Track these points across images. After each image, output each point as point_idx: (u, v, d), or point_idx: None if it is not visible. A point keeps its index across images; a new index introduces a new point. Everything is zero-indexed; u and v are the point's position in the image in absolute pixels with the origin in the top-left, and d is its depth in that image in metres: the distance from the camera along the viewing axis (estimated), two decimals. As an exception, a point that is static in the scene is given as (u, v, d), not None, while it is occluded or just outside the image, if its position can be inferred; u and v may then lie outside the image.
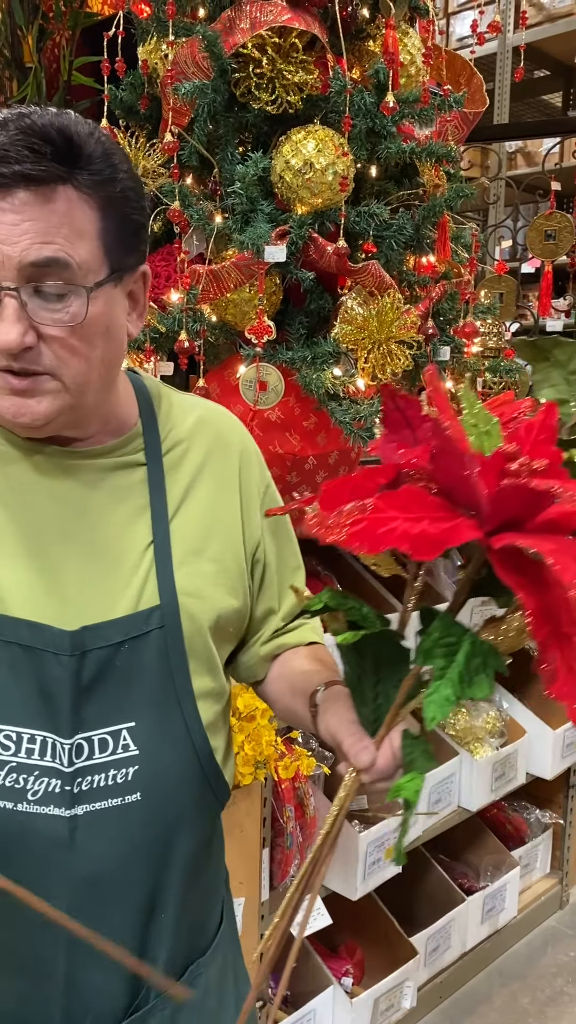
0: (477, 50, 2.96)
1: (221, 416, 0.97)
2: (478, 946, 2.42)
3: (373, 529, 0.52)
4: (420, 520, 0.53)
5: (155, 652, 0.82)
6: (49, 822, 0.78)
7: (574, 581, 0.48)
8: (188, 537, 0.87)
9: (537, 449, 0.58)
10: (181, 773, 0.84)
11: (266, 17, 1.58)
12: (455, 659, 0.56)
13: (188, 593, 0.84)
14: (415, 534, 0.52)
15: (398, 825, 0.63)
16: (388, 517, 0.53)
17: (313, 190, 1.60)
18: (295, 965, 0.66)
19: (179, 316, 1.62)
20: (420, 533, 0.52)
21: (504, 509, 0.53)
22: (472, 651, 0.57)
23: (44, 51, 2.48)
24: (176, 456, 0.89)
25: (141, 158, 1.75)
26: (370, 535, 0.52)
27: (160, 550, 0.84)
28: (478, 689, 0.56)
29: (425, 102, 1.74)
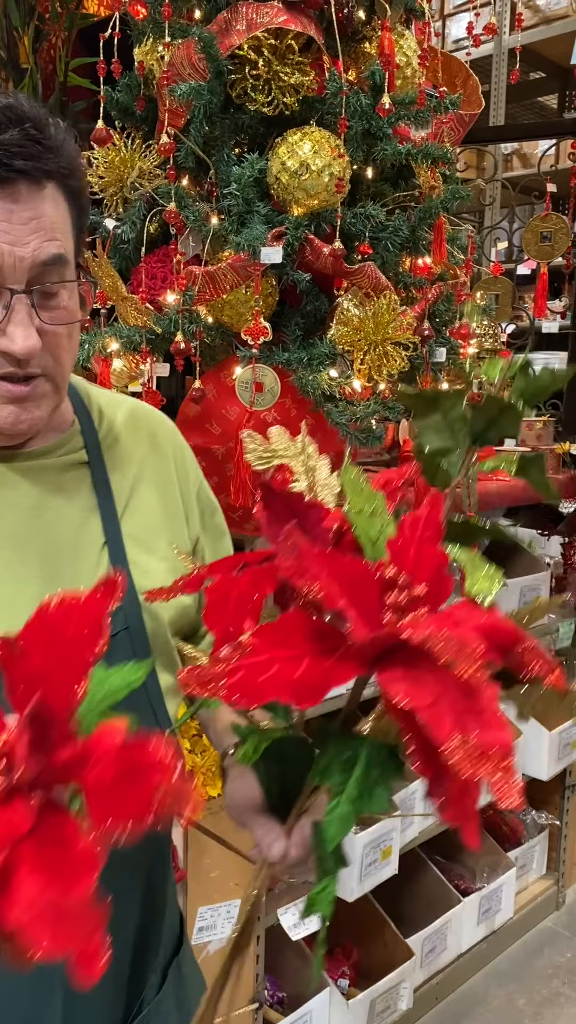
0: (473, 52, 2.96)
1: (152, 413, 0.96)
2: (474, 947, 2.42)
3: (252, 679, 0.48)
4: (301, 658, 0.49)
5: (125, 654, 0.81)
6: None
7: (447, 740, 0.46)
8: (138, 535, 0.85)
9: (423, 548, 0.56)
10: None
11: (262, 19, 1.58)
12: (352, 774, 0.54)
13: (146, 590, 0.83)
14: (296, 680, 0.48)
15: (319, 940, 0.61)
16: (267, 660, 0.49)
17: (309, 191, 1.60)
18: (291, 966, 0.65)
19: (175, 317, 1.62)
20: (301, 678, 0.48)
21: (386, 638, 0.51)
22: (370, 762, 0.55)
23: (40, 52, 2.48)
24: (115, 453, 0.88)
25: (137, 159, 1.74)
26: (249, 687, 0.48)
27: (114, 550, 0.83)
28: (376, 803, 0.54)
29: (421, 104, 1.74)
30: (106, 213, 1.80)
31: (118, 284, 1.65)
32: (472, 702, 0.47)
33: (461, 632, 0.49)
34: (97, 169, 1.75)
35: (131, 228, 1.74)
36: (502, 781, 0.44)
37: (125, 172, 1.75)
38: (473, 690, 0.48)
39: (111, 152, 1.73)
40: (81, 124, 2.56)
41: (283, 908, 1.82)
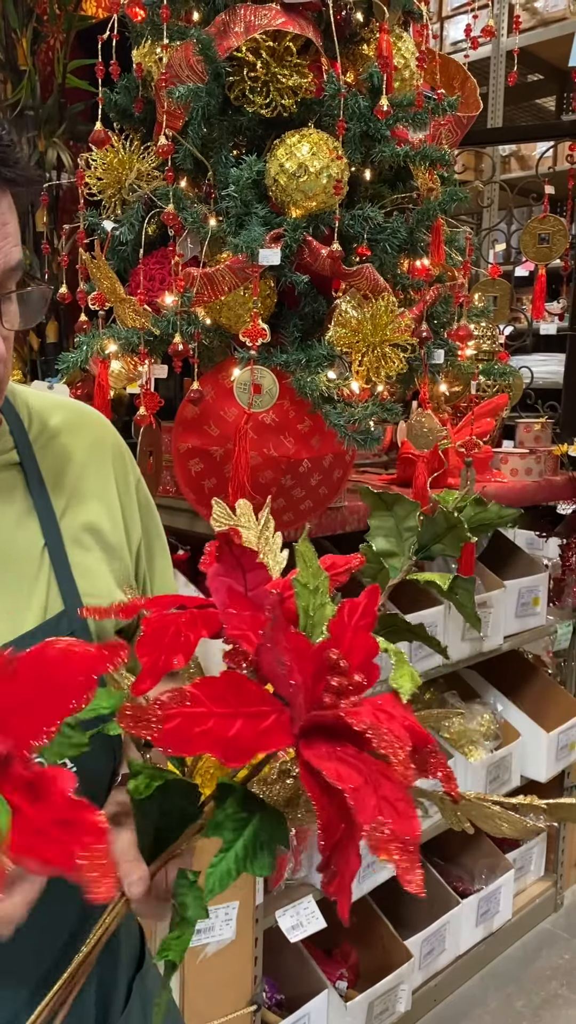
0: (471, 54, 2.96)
1: (84, 411, 0.94)
2: (473, 949, 2.42)
3: (186, 729, 0.50)
4: (235, 717, 0.52)
5: None
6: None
7: (368, 822, 0.49)
8: (75, 537, 0.84)
9: (357, 634, 0.59)
10: (105, 776, 0.82)
11: (260, 21, 1.58)
12: (243, 833, 0.57)
13: (88, 594, 0.82)
14: (228, 738, 0.51)
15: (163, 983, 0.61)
16: (203, 714, 0.51)
17: (307, 193, 1.60)
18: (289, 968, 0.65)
19: (173, 319, 1.62)
20: (233, 737, 0.51)
21: (315, 719, 0.53)
22: (261, 826, 0.57)
23: (38, 54, 2.49)
24: (49, 454, 0.85)
25: (135, 161, 1.75)
26: (182, 737, 0.50)
27: (54, 553, 0.81)
28: (259, 866, 0.56)
29: (419, 106, 1.75)
30: (104, 215, 1.80)
31: (116, 286, 1.65)
32: (389, 790, 0.51)
33: (393, 727, 0.53)
34: (95, 171, 1.75)
35: (129, 230, 1.74)
36: (408, 868, 0.50)
37: (123, 174, 1.75)
38: (391, 780, 0.51)
39: (109, 154, 1.73)
40: (79, 126, 2.56)
41: (281, 910, 1.82)
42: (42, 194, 2.27)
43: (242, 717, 0.52)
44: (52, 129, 2.47)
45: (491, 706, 2.48)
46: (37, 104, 2.45)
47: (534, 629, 2.51)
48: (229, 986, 1.74)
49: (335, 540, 2.06)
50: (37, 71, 2.45)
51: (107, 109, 1.84)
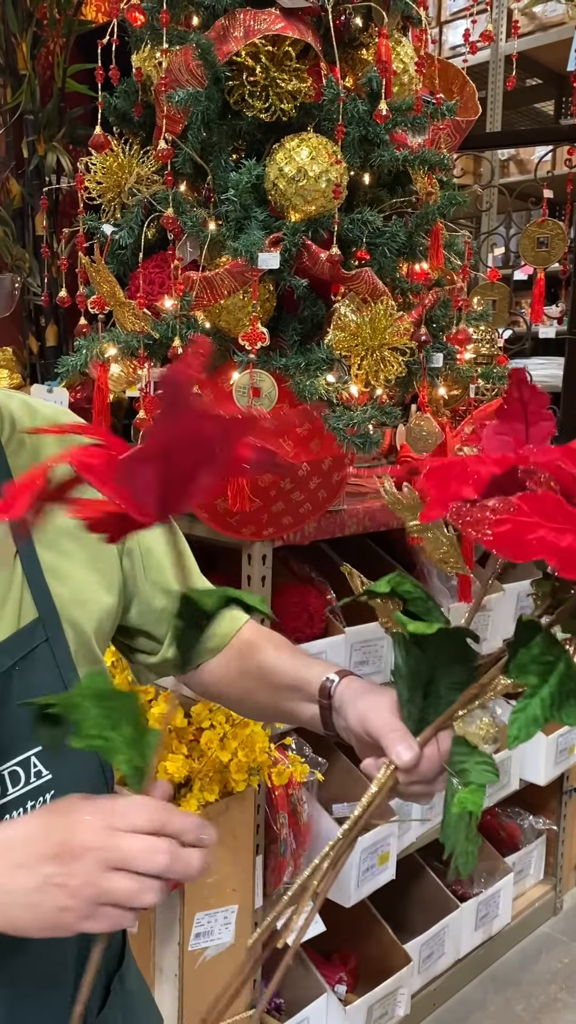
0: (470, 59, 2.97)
1: (57, 412, 0.92)
2: (472, 953, 2.42)
3: (520, 534, 0.48)
4: (564, 532, 0.48)
5: (45, 667, 0.78)
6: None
7: None
8: (50, 542, 0.82)
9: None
10: (93, 785, 0.82)
11: (260, 26, 1.59)
12: (549, 680, 0.53)
13: (66, 600, 0.81)
14: (564, 548, 0.47)
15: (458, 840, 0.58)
16: (534, 523, 0.49)
17: (306, 197, 1.61)
18: (288, 970, 0.64)
19: (173, 322, 1.62)
20: (569, 547, 0.47)
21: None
22: (567, 673, 0.54)
23: (38, 58, 2.49)
24: (23, 459, 0.84)
25: (135, 165, 1.75)
26: (517, 541, 0.48)
27: (27, 560, 0.80)
28: (567, 714, 0.53)
29: (418, 110, 1.75)
30: (104, 219, 1.80)
31: (116, 289, 1.66)
32: None
33: None
34: (95, 175, 1.76)
35: (129, 234, 1.75)
36: None
37: (123, 178, 1.75)
38: None
39: (109, 158, 1.74)
40: (79, 130, 2.57)
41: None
42: (42, 198, 2.27)
43: (571, 532, 0.48)
44: (52, 133, 2.48)
45: (490, 709, 2.48)
46: (37, 108, 2.45)
47: (533, 632, 2.51)
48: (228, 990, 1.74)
49: (334, 544, 2.06)
50: (37, 75, 2.46)
51: (107, 113, 1.84)
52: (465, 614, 2.28)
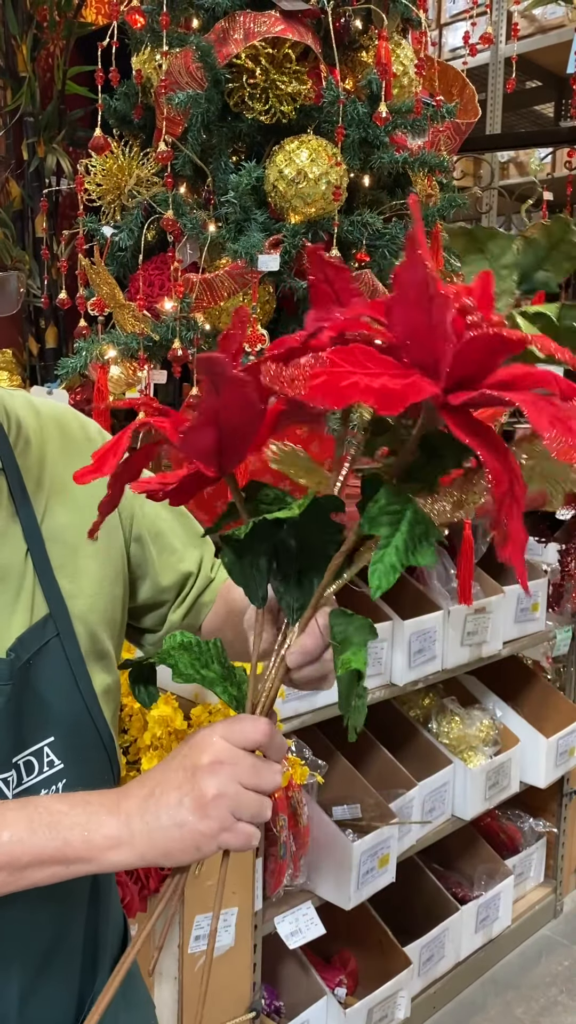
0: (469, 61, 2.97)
1: (58, 407, 0.93)
2: (472, 956, 2.42)
3: (335, 382, 0.50)
4: (379, 376, 0.50)
5: (57, 661, 0.81)
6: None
7: (549, 427, 0.47)
8: (61, 537, 0.84)
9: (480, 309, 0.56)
10: (101, 775, 0.84)
11: (260, 28, 1.59)
12: (399, 527, 0.55)
13: (73, 594, 0.83)
14: (377, 388, 0.49)
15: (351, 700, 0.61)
16: (347, 371, 0.50)
17: (306, 199, 1.61)
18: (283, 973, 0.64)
19: (173, 324, 1.62)
20: (382, 388, 0.50)
21: (464, 365, 0.51)
22: (415, 519, 0.56)
23: (38, 60, 2.49)
24: (30, 457, 0.85)
25: (135, 167, 1.75)
26: (332, 388, 0.49)
27: (37, 556, 0.82)
28: (422, 556, 0.55)
29: (418, 112, 1.75)
30: (104, 220, 1.80)
31: (116, 291, 1.66)
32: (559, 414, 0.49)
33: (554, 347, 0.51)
34: (95, 177, 1.76)
35: (129, 235, 1.75)
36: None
37: (123, 180, 1.76)
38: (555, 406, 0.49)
39: (109, 160, 1.74)
40: (79, 132, 2.57)
41: (280, 916, 1.81)
42: (42, 200, 2.27)
43: (385, 375, 0.51)
44: (52, 135, 2.48)
45: (490, 712, 2.48)
46: (37, 110, 2.46)
47: (533, 635, 2.51)
48: (228, 993, 1.74)
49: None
50: (37, 77, 2.46)
51: (107, 115, 1.84)
52: (465, 615, 2.26)
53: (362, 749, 2.16)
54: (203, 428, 0.57)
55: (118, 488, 0.62)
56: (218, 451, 0.58)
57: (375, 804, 1.98)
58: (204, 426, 0.56)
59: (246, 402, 0.55)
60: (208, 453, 0.58)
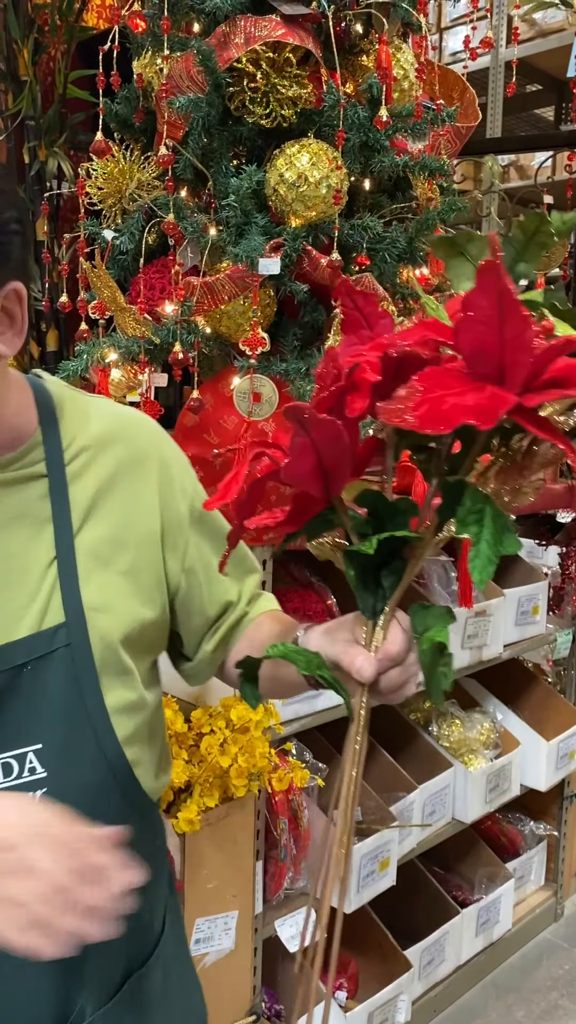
0: (470, 65, 2.98)
1: (133, 422, 0.93)
2: (473, 959, 2.41)
3: (437, 408, 0.55)
4: (464, 394, 0.56)
5: (62, 671, 0.80)
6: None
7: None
8: (95, 549, 0.83)
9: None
10: (96, 790, 0.82)
11: (260, 32, 1.59)
12: (484, 523, 0.61)
13: (95, 608, 0.82)
14: (471, 407, 0.54)
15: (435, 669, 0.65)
16: (440, 396, 0.56)
17: (307, 203, 1.61)
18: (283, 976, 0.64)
19: (173, 328, 1.62)
20: (475, 406, 0.54)
21: (535, 371, 0.56)
22: (495, 514, 0.61)
23: (39, 64, 2.50)
24: (80, 465, 0.85)
25: (136, 171, 1.75)
26: (438, 414, 0.54)
27: (64, 564, 0.81)
28: (509, 544, 0.60)
29: (418, 116, 1.76)
30: (105, 224, 1.81)
31: (116, 295, 1.66)
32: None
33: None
34: (96, 180, 1.76)
35: (129, 239, 1.75)
36: None
37: (124, 183, 1.76)
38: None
39: (110, 164, 1.74)
40: (80, 136, 2.57)
41: (280, 920, 1.81)
42: (43, 203, 2.28)
43: (468, 392, 0.55)
44: (53, 139, 2.48)
45: (491, 715, 2.48)
46: (38, 114, 2.46)
47: (534, 638, 2.51)
48: (228, 996, 1.73)
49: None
50: (38, 81, 2.46)
51: (108, 119, 1.85)
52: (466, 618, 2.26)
53: (362, 752, 2.15)
54: (300, 460, 0.63)
55: (242, 519, 0.67)
56: (321, 477, 0.64)
57: (375, 807, 1.98)
58: (300, 458, 0.62)
59: (333, 436, 0.61)
60: (310, 478, 0.64)
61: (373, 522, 0.67)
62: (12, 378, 0.84)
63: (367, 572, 0.68)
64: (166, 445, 0.93)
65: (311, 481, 0.64)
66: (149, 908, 0.92)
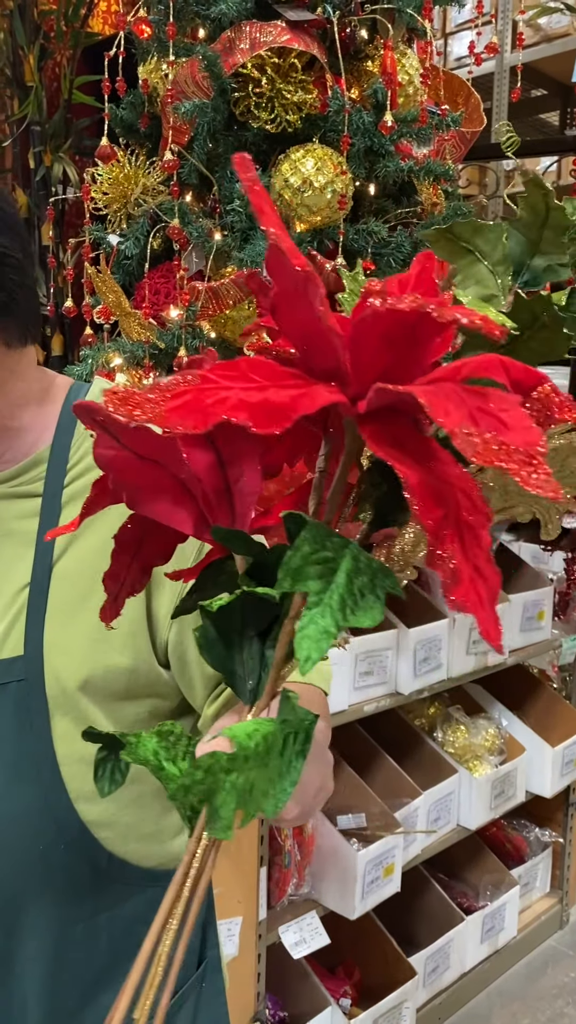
0: (475, 70, 2.98)
1: None
2: (477, 966, 2.40)
3: (199, 401, 0.39)
4: (264, 389, 0.40)
5: (12, 706, 0.75)
6: None
7: (451, 425, 0.36)
8: (72, 580, 0.77)
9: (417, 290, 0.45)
10: (30, 846, 0.76)
11: (266, 38, 1.59)
12: (334, 579, 0.41)
13: (56, 647, 0.76)
14: (255, 403, 0.39)
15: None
16: (220, 387, 0.40)
17: (312, 208, 1.61)
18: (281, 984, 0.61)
19: (178, 332, 1.62)
20: (262, 401, 0.39)
21: (370, 360, 0.40)
22: (355, 568, 0.41)
23: (45, 70, 2.51)
24: (80, 487, 0.79)
25: (141, 176, 1.76)
26: (195, 408, 0.39)
27: (35, 594, 0.76)
28: (365, 615, 0.40)
29: (423, 121, 1.76)
30: (110, 229, 1.81)
31: (122, 299, 1.66)
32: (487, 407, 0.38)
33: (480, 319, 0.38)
34: (101, 185, 1.77)
35: (135, 244, 1.75)
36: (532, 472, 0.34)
37: (129, 188, 1.76)
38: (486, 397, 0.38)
39: (115, 169, 1.75)
40: (85, 141, 2.58)
41: (284, 926, 1.80)
42: (48, 208, 2.28)
43: (272, 388, 0.40)
44: (58, 144, 2.49)
45: (496, 721, 2.47)
46: (43, 119, 2.47)
47: (539, 643, 2.50)
48: (231, 1003, 1.73)
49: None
50: (44, 87, 2.47)
51: (113, 124, 1.85)
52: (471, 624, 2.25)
53: (367, 758, 2.15)
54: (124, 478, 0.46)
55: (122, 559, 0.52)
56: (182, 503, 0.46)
57: (380, 813, 1.97)
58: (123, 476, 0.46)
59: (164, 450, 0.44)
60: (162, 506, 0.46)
61: (256, 575, 0.48)
62: (31, 393, 0.80)
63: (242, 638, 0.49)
64: None
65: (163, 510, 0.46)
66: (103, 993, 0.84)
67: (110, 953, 0.82)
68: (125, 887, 0.81)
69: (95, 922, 0.80)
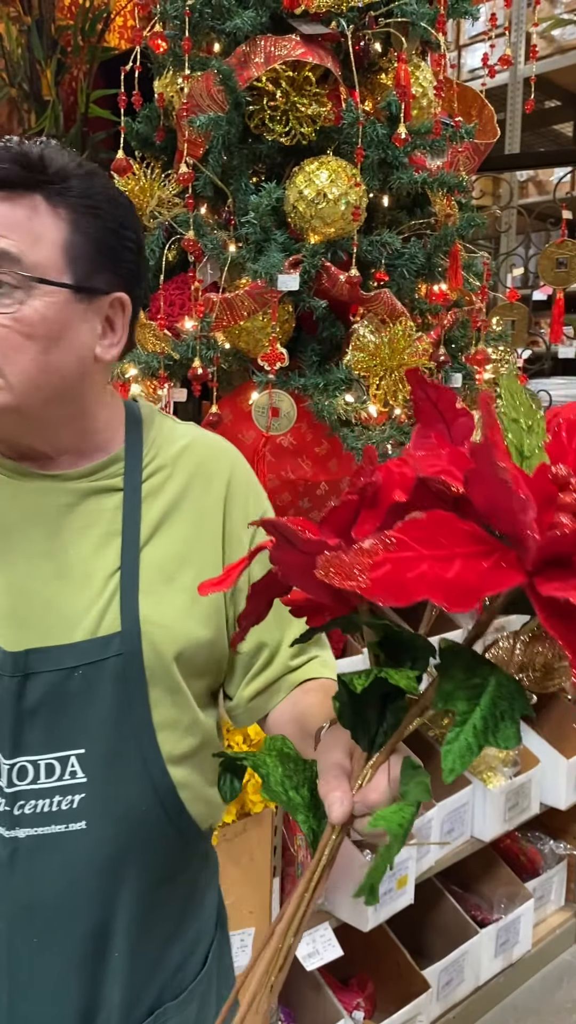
0: (488, 82, 2.99)
1: (211, 445, 0.93)
2: (492, 980, 2.38)
3: (399, 574, 0.43)
4: (452, 559, 0.44)
5: (112, 679, 0.80)
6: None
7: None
8: (159, 564, 0.84)
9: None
10: (134, 805, 0.82)
11: (280, 51, 1.61)
12: (479, 703, 0.48)
13: (152, 621, 0.82)
14: (449, 580, 0.43)
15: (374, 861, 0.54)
16: (414, 557, 0.44)
17: (326, 220, 1.62)
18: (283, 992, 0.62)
19: (193, 343, 1.63)
20: (455, 579, 0.43)
21: (552, 550, 0.45)
22: (498, 694, 0.49)
23: (62, 84, 2.53)
24: (156, 483, 0.87)
25: (156, 188, 1.77)
26: (396, 583, 0.43)
27: (127, 577, 0.82)
28: (503, 738, 0.48)
29: (437, 133, 1.76)
30: (125, 241, 1.82)
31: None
32: None
33: None
34: (117, 198, 1.78)
35: (150, 256, 1.77)
36: None
37: (144, 201, 1.78)
38: None
39: (131, 181, 1.76)
40: (101, 154, 2.60)
41: (297, 937, 1.80)
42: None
43: (459, 558, 0.44)
44: (75, 157, 2.52)
45: (510, 732, 2.46)
46: (60, 133, 2.50)
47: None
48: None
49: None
50: (60, 101, 2.50)
51: (129, 138, 1.87)
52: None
53: (380, 768, 2.14)
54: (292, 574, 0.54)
55: (244, 626, 0.61)
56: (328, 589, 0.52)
57: (393, 824, 1.96)
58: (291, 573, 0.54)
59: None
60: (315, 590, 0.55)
61: (383, 650, 0.56)
62: (106, 394, 0.87)
63: (367, 698, 0.57)
64: (240, 470, 0.93)
65: (317, 593, 0.54)
66: (191, 944, 0.91)
67: (179, 915, 0.89)
68: (191, 848, 0.88)
69: (174, 884, 0.88)
